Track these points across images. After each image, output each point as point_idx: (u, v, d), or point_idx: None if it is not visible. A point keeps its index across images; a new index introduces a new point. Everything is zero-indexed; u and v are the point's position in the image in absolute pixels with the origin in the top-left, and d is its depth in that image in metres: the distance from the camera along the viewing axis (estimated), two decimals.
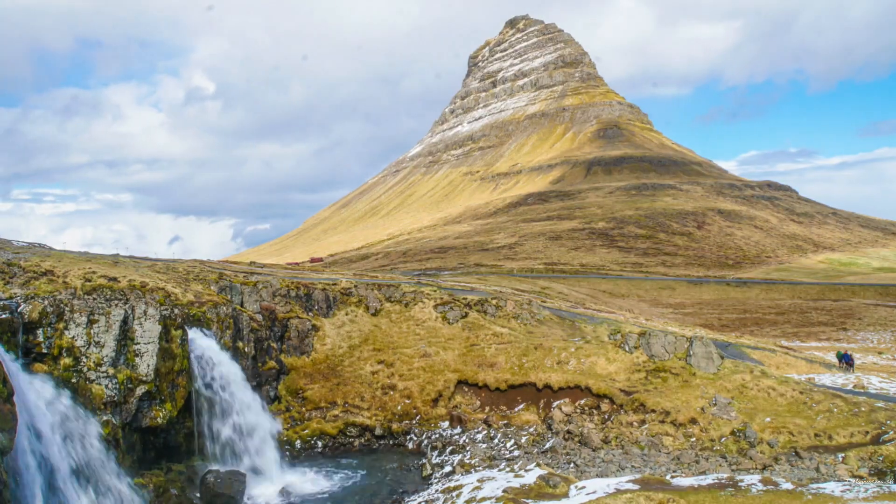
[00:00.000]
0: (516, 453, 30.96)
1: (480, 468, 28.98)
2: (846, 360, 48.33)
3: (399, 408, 35.42)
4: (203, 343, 29.91)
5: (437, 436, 33.69)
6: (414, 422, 34.83)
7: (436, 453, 31.85)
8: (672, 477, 24.59)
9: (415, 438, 33.90)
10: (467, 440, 32.76)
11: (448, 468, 29.68)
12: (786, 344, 67.39)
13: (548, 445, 31.29)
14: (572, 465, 29.08)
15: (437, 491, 26.75)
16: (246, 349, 33.66)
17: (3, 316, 23.60)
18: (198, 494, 27.09)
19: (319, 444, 33.48)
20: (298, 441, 33.30)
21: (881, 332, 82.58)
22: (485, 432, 33.33)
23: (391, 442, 34.00)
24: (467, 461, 30.04)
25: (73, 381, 25.15)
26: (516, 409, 35.01)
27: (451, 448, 32.02)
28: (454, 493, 25.51)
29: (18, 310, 24.62)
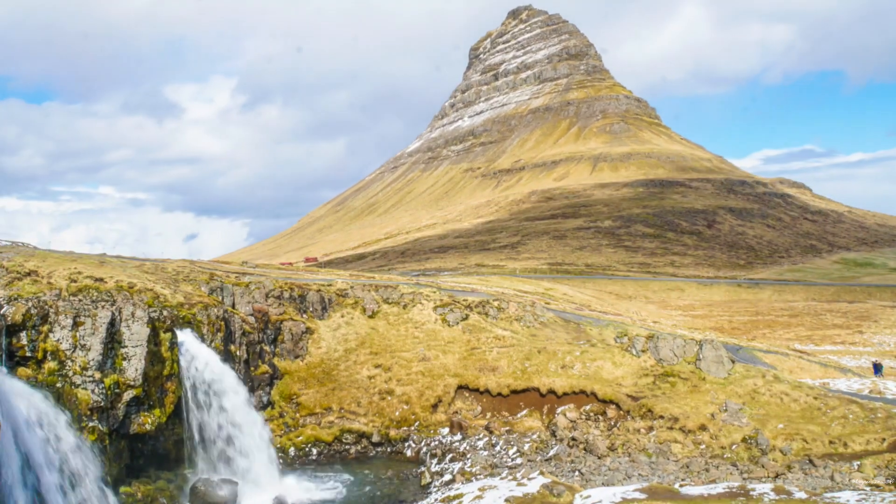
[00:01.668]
0: (519, 461, 30.13)
1: (481, 476, 28.37)
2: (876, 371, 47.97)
3: (397, 414, 34.55)
4: (193, 346, 29.13)
5: (437, 443, 32.84)
6: (412, 428, 33.97)
7: (435, 461, 31.02)
8: (681, 485, 24.50)
9: (413, 445, 33.07)
10: (468, 447, 31.89)
11: (448, 476, 29.03)
12: (799, 347, 66.12)
13: (551, 453, 30.43)
14: (577, 473, 28.28)
15: (436, 500, 26.44)
16: (238, 352, 32.78)
17: None
18: (188, 503, 26.39)
19: (314, 451, 32.75)
20: (292, 448, 32.55)
21: None
22: (486, 439, 32.45)
23: (388, 449, 33.23)
24: (468, 469, 29.32)
25: (58, 385, 24.58)
26: (519, 415, 34.09)
27: (451, 455, 31.19)
28: (454, 503, 24.95)
29: (1, 312, 24.01)
